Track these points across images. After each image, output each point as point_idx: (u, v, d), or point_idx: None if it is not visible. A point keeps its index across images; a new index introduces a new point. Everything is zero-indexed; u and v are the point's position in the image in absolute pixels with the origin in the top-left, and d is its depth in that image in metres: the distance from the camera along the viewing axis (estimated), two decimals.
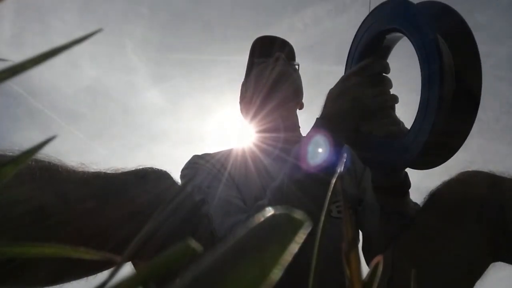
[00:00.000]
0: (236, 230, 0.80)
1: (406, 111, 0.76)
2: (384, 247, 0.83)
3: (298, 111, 1.19)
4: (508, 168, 0.78)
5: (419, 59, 0.66)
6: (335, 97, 0.75)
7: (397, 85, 0.74)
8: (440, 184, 0.80)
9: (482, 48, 0.65)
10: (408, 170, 0.79)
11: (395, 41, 0.77)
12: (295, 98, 1.13)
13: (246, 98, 1.18)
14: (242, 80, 1.26)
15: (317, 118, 0.79)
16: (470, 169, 0.80)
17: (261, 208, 0.79)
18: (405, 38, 0.71)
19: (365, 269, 0.19)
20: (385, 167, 0.76)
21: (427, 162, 0.71)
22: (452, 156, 0.68)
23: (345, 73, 0.83)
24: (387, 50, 0.78)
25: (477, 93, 0.65)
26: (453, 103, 0.64)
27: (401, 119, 0.76)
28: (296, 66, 1.18)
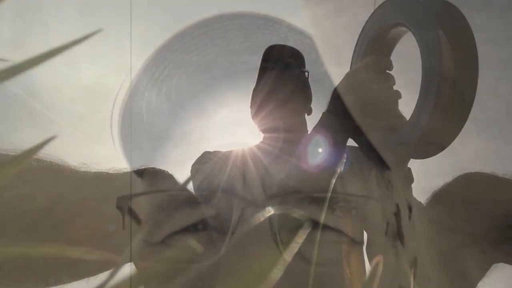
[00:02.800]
0: (242, 224, 0.81)
1: (408, 108, 0.79)
2: (387, 247, 0.83)
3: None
4: (508, 169, 0.78)
5: (421, 53, 0.68)
6: (340, 93, 0.77)
7: (400, 82, 0.77)
8: (442, 186, 0.82)
9: (481, 48, 0.66)
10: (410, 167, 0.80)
11: (399, 35, 0.79)
12: (297, 98, 1.13)
13: (256, 103, 1.19)
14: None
15: (323, 113, 0.81)
16: (472, 171, 0.81)
17: (266, 202, 0.80)
18: (409, 34, 0.74)
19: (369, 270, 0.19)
20: (387, 160, 0.78)
21: (424, 152, 0.73)
22: (447, 146, 0.70)
23: (350, 69, 0.85)
24: (391, 46, 0.81)
25: (472, 92, 0.67)
26: (450, 99, 0.66)
27: (404, 115, 0.78)
28: (306, 74, 1.20)
